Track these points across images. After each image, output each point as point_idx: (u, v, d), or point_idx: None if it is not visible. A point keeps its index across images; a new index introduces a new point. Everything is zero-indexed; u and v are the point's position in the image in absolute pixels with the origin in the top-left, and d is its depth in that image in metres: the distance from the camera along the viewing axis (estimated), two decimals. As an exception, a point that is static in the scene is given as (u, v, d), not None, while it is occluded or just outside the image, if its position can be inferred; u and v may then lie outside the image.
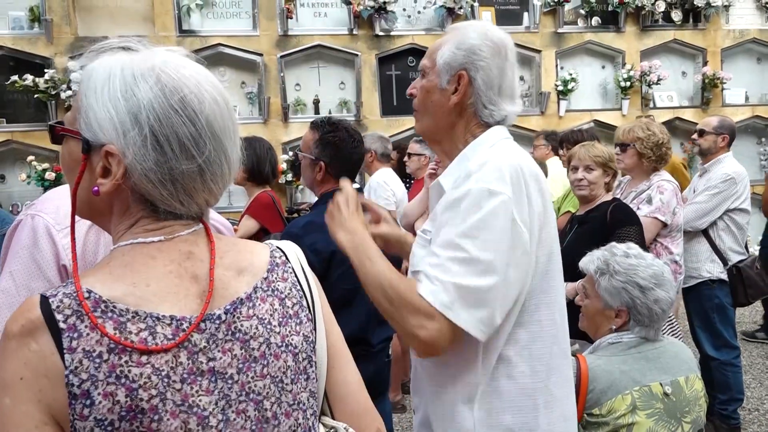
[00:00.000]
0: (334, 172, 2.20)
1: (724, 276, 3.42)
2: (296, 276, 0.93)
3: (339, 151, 2.19)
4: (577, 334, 2.65)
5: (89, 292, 0.76)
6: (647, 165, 3.12)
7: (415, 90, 1.47)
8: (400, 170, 4.68)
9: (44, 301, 0.75)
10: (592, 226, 2.73)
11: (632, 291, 1.80)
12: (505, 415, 1.28)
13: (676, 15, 6.84)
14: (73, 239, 0.84)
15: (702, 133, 3.60)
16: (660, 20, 6.87)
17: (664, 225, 3.02)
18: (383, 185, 4.10)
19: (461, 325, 1.19)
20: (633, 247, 1.89)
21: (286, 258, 0.94)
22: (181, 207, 0.83)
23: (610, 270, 1.84)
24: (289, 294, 0.90)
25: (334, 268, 2.05)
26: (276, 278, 0.90)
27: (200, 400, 0.78)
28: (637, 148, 3.11)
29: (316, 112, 6.32)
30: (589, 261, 1.92)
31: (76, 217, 0.86)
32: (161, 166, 0.79)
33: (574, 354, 1.79)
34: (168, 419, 0.75)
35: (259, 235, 3.11)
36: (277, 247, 0.95)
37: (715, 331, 3.44)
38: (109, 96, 0.79)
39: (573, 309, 2.66)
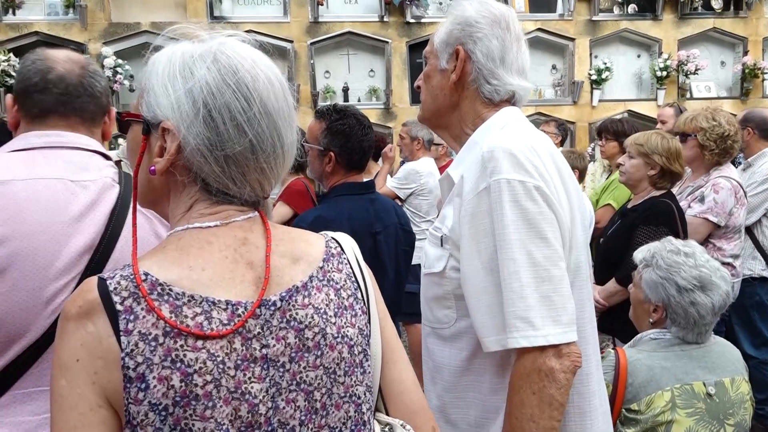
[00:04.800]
0: (344, 162, 2.09)
1: (766, 273, 3.32)
2: (351, 268, 0.92)
3: (349, 139, 2.07)
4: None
5: (146, 274, 0.76)
6: (709, 158, 2.93)
7: (420, 81, 1.38)
8: None
9: (102, 283, 0.75)
10: (630, 220, 2.65)
11: (669, 288, 1.74)
12: None
13: (717, 3, 6.64)
14: (134, 223, 0.86)
15: None
16: (699, 8, 6.67)
17: (718, 226, 2.88)
18: (413, 173, 4.07)
19: (564, 340, 1.09)
20: (691, 246, 1.81)
21: (342, 249, 0.93)
22: (233, 186, 0.82)
23: (654, 263, 1.79)
24: (344, 285, 0.89)
25: None
26: (331, 269, 0.89)
27: (252, 387, 0.77)
28: (698, 140, 2.90)
29: (345, 99, 6.30)
30: (640, 250, 1.88)
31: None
32: (213, 141, 0.79)
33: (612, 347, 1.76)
34: (221, 406, 0.75)
35: (292, 222, 3.11)
36: (333, 238, 0.94)
37: (754, 329, 3.35)
38: (169, 76, 0.81)
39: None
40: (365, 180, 2.22)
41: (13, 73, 5.54)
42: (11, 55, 5.57)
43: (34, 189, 1.19)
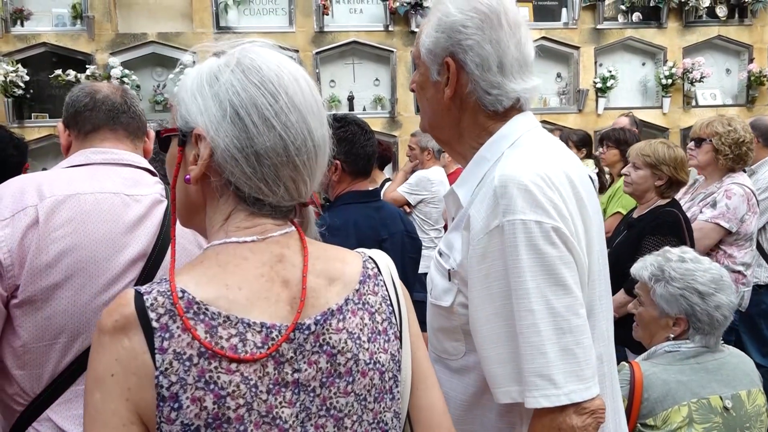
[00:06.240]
0: (350, 169, 2.11)
1: (773, 281, 3.30)
2: (387, 290, 0.90)
3: (353, 145, 2.09)
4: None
5: (183, 291, 0.75)
6: (723, 163, 2.92)
7: (414, 86, 1.27)
8: None
9: (138, 297, 0.75)
10: (637, 230, 2.63)
11: (691, 297, 1.71)
12: None
13: (721, 10, 6.63)
14: (173, 236, 0.86)
15: None
16: (704, 16, 6.66)
17: (729, 232, 2.86)
18: (425, 180, 4.12)
19: (587, 397, 1.01)
20: (688, 251, 1.80)
21: (378, 270, 0.91)
22: (266, 188, 0.80)
23: (666, 276, 1.75)
24: (379, 309, 0.87)
25: None
26: (367, 291, 0.87)
27: (283, 412, 0.77)
28: (713, 144, 2.90)
29: (351, 108, 6.32)
30: (642, 267, 1.83)
31: None
32: (242, 140, 0.79)
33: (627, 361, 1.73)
34: (252, 430, 0.74)
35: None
36: (370, 257, 0.93)
37: (762, 338, 3.34)
38: (197, 86, 0.83)
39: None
40: (370, 188, 2.23)
41: (22, 84, 5.60)
42: (19, 65, 5.61)
43: (97, 201, 1.31)
